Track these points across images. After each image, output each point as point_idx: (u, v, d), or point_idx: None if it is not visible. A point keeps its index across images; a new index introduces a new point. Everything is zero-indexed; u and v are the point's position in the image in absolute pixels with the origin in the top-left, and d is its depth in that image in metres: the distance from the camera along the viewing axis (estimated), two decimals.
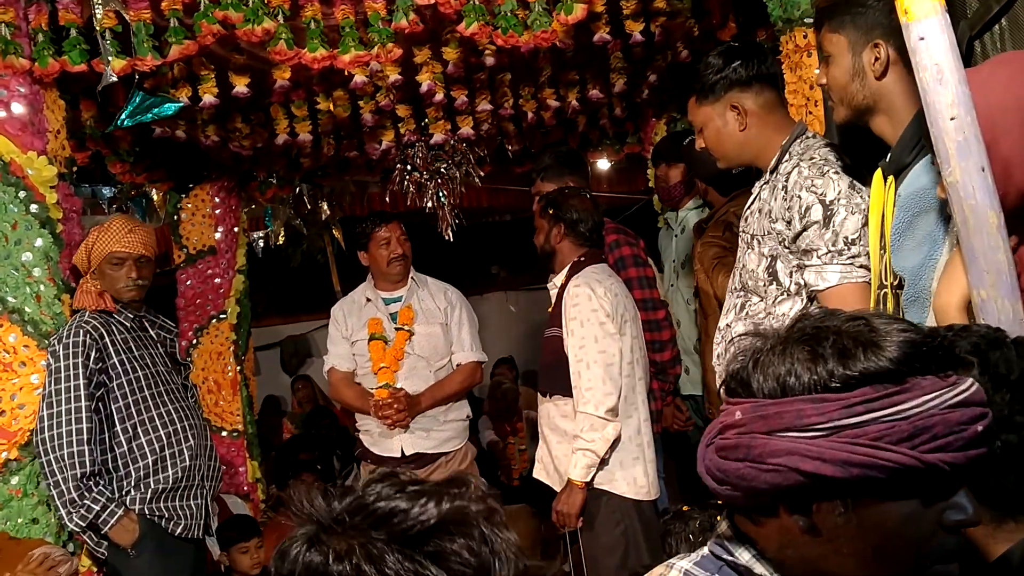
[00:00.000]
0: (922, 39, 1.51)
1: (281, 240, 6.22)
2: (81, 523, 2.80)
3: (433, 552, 0.91)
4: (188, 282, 4.74)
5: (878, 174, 1.92)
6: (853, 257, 2.05)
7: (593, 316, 3.06)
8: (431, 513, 0.92)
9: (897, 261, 1.80)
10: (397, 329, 3.75)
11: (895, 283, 1.85)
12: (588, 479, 3.03)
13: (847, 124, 2.03)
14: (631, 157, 5.58)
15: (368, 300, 3.86)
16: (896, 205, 1.81)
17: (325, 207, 5.85)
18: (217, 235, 4.77)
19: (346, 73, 3.23)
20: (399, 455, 3.70)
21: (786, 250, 2.18)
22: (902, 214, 1.78)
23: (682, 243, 4.12)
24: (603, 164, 6.08)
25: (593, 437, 3.00)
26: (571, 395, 3.09)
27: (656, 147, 4.49)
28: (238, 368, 4.77)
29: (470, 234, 5.03)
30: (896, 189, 1.83)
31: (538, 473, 3.28)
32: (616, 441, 3.05)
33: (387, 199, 5.50)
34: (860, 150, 2.27)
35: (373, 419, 3.72)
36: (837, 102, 2.00)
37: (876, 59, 1.88)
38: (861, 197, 2.07)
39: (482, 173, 4.70)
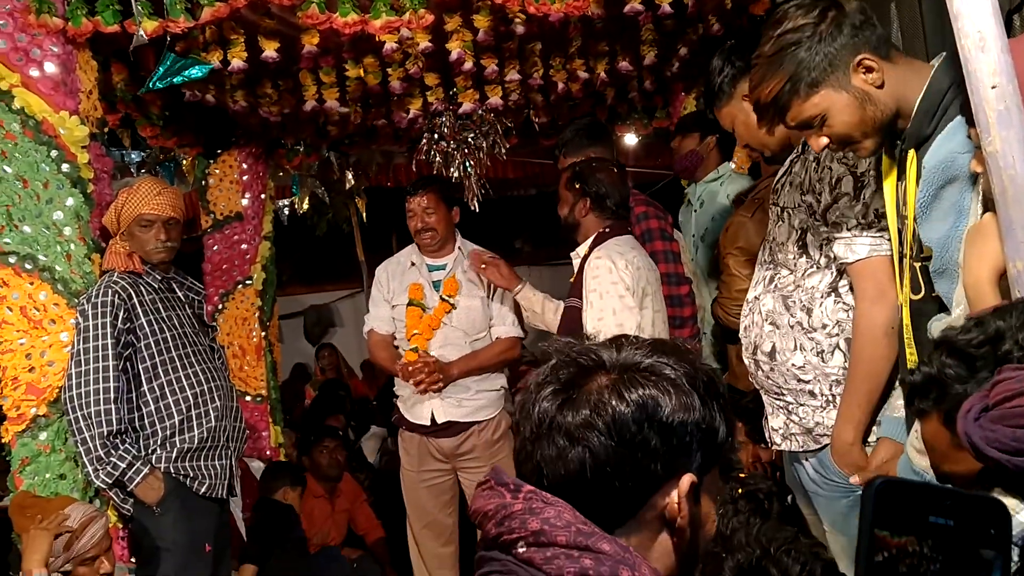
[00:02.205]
0: (964, 6, 1.49)
1: (305, 208, 6.26)
2: (108, 480, 2.84)
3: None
4: (215, 247, 4.77)
5: (887, 160, 1.91)
6: (883, 230, 2.03)
7: (613, 289, 3.03)
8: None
9: (924, 233, 1.78)
10: (441, 299, 3.73)
11: (914, 254, 1.84)
12: None
13: (878, 150, 1.92)
14: (659, 131, 5.55)
15: (412, 264, 3.85)
16: (920, 177, 1.79)
17: (350, 176, 5.87)
18: (244, 201, 4.80)
19: (376, 39, 3.21)
20: (429, 423, 3.71)
21: (816, 222, 2.17)
22: (927, 186, 1.76)
23: (701, 217, 4.08)
24: (630, 138, 6.04)
25: None
26: None
27: (679, 120, 4.47)
28: (263, 334, 4.81)
29: (494, 207, 5.03)
30: (919, 161, 1.80)
31: None
32: None
33: (413, 168, 5.49)
34: None
35: (406, 387, 3.73)
36: (860, 140, 1.86)
37: (867, 72, 1.79)
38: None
39: (508, 144, 4.69)
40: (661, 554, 1.07)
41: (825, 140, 1.87)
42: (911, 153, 1.83)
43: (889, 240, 2.00)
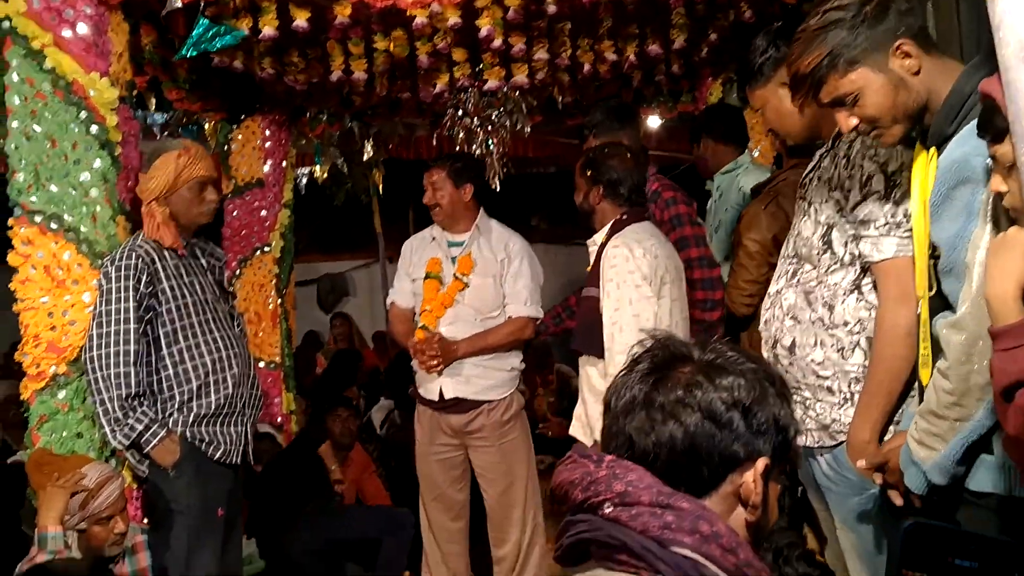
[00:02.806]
0: (1006, 15, 1.47)
1: (324, 177, 6.27)
2: (124, 441, 2.87)
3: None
4: (235, 212, 4.79)
5: (919, 150, 1.91)
6: (911, 230, 2.02)
7: (630, 278, 3.02)
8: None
9: (934, 232, 1.80)
10: (455, 277, 3.74)
11: (933, 251, 1.85)
12: None
13: (906, 137, 1.94)
14: (682, 115, 5.53)
15: (434, 239, 3.86)
16: (935, 176, 1.80)
17: (370, 147, 5.86)
18: (266, 168, 4.81)
19: (407, 13, 3.20)
20: (438, 398, 3.72)
21: (843, 219, 2.16)
22: (940, 186, 1.77)
23: (719, 207, 4.08)
24: (653, 122, 6.01)
25: None
26: (605, 356, 3.07)
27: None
28: (279, 301, 4.84)
29: (513, 184, 5.01)
30: (938, 159, 1.81)
31: (575, 431, 3.29)
32: None
33: (434, 143, 5.48)
34: None
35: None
36: (889, 125, 1.89)
37: (906, 56, 1.83)
38: None
39: (531, 123, 4.68)
40: (734, 527, 1.16)
41: (855, 121, 1.91)
42: (932, 151, 1.85)
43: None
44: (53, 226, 2.96)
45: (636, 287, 2.99)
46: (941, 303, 1.84)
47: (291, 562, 4.03)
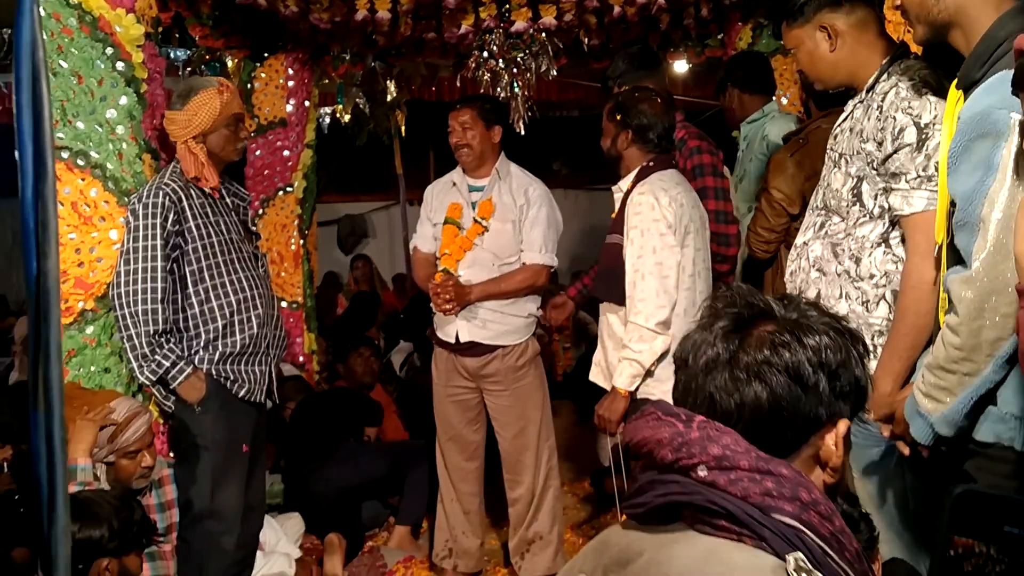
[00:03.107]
0: None
1: (347, 118, 6.24)
2: (152, 377, 2.91)
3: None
4: (257, 152, 4.79)
5: (952, 89, 1.87)
6: None
7: (654, 226, 3.00)
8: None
9: (951, 183, 1.78)
10: (474, 220, 3.72)
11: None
12: (632, 388, 3.04)
13: (926, 42, 1.98)
14: (710, 61, 5.45)
15: (455, 184, 3.84)
16: (956, 126, 1.78)
17: (393, 87, 5.83)
18: (288, 107, 4.80)
19: None
20: (454, 341, 3.75)
21: (874, 172, 2.14)
22: (960, 137, 1.74)
23: (744, 156, 4.05)
24: (680, 66, 5.93)
25: (641, 348, 2.99)
26: (626, 304, 3.07)
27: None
28: (301, 241, 4.86)
29: (535, 127, 4.97)
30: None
31: (595, 376, 3.31)
32: (666, 353, 3.04)
33: (458, 84, 5.44)
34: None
35: None
36: (915, 20, 1.94)
37: None
38: None
39: (558, 67, 4.63)
40: None
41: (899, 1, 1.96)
42: (959, 95, 1.83)
43: None
44: (80, 163, 2.97)
45: (660, 235, 2.98)
46: (955, 254, 1.83)
47: (318, 499, 4.10)
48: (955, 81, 1.86)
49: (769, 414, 1.13)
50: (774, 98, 4.07)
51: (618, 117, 3.19)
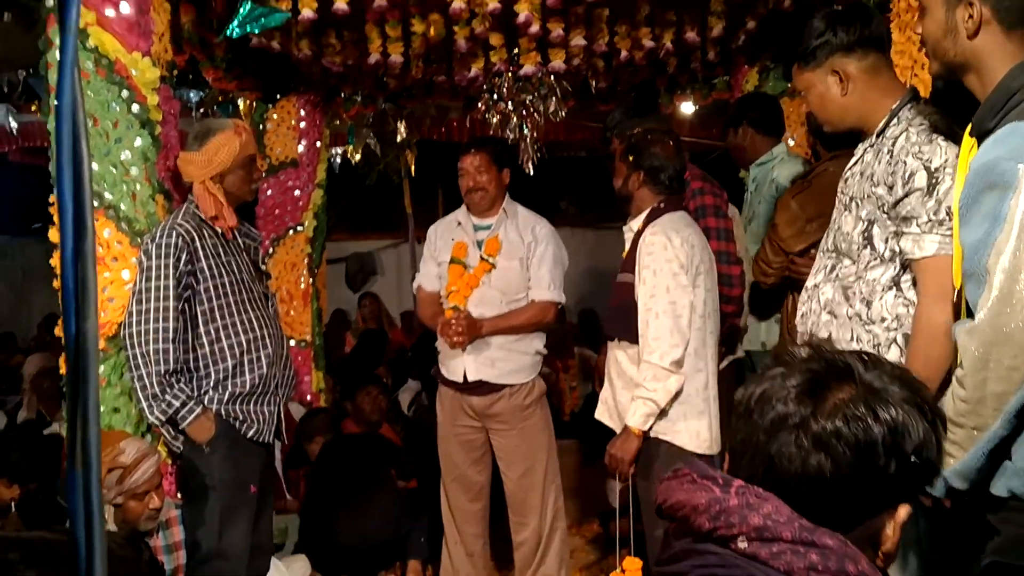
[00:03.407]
0: None
1: (357, 158, 6.29)
2: (161, 417, 2.92)
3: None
4: (268, 192, 4.83)
5: (965, 137, 1.89)
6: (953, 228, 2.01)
7: (667, 266, 3.03)
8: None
9: (961, 234, 1.78)
10: (482, 259, 3.74)
11: None
12: (645, 427, 3.04)
13: (940, 79, 2.00)
14: (716, 102, 5.50)
15: (459, 223, 3.87)
16: (966, 178, 1.78)
17: (403, 128, 5.88)
18: (300, 148, 4.85)
19: None
20: (462, 380, 3.74)
21: (884, 215, 2.15)
22: (969, 188, 1.75)
23: (753, 199, 4.07)
24: (687, 107, 5.98)
25: (655, 387, 2.99)
26: (638, 342, 3.08)
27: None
28: (311, 280, 4.88)
29: (543, 167, 5.02)
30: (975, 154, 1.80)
31: (600, 415, 3.31)
32: (680, 393, 3.04)
33: (467, 125, 5.49)
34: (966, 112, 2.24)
35: (444, 343, 3.77)
36: (930, 55, 1.96)
37: (969, 17, 1.82)
38: None
39: (566, 108, 4.68)
40: None
41: (920, 30, 1.97)
42: (972, 142, 1.84)
43: None
44: (94, 204, 2.99)
45: (674, 275, 3.00)
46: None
47: (344, 548, 4.06)
48: (968, 128, 1.87)
49: (829, 489, 1.06)
50: (783, 140, 4.10)
51: (631, 158, 3.23)
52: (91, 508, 0.43)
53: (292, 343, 4.75)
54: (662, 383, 2.98)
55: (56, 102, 0.46)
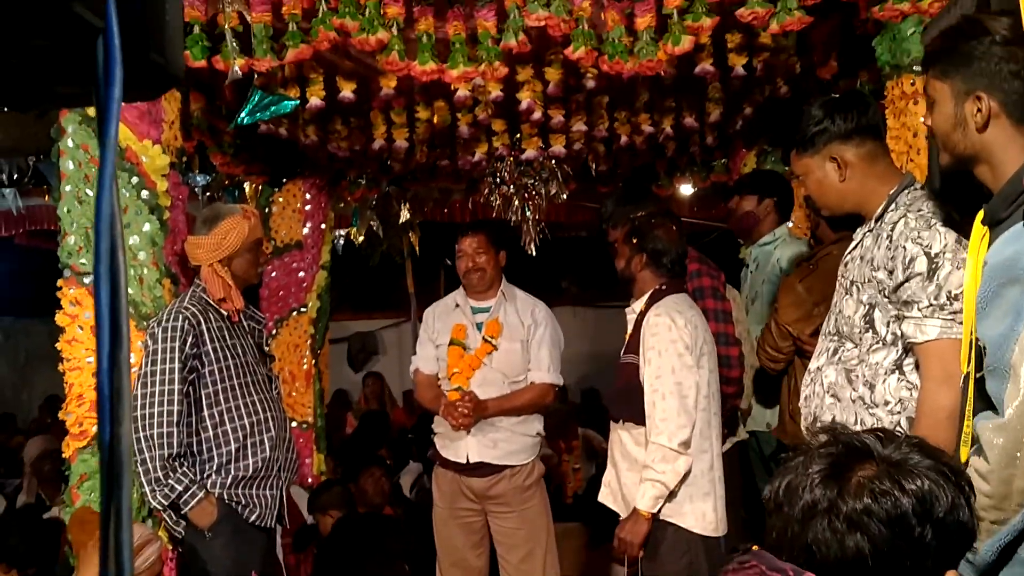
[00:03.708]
0: None
1: (360, 239, 6.35)
2: (164, 502, 2.90)
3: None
4: (273, 274, 4.87)
5: (977, 225, 1.91)
6: (955, 313, 2.04)
7: (672, 347, 3.05)
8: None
9: (981, 328, 1.78)
10: (484, 340, 3.77)
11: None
12: (655, 510, 3.02)
13: (951, 169, 2.01)
14: (715, 184, 5.58)
15: (457, 306, 3.90)
16: (983, 271, 1.79)
17: (406, 210, 5.95)
18: (305, 230, 4.90)
19: (451, 87, 3.29)
20: (464, 461, 3.73)
21: (885, 299, 2.18)
22: (988, 283, 1.75)
23: (755, 279, 4.10)
24: (686, 189, 6.07)
25: (664, 469, 2.98)
26: (644, 423, 3.08)
27: (737, 180, 4.50)
28: (313, 361, 4.89)
29: (545, 247, 5.08)
30: (989, 243, 1.82)
31: (604, 498, 3.29)
32: (687, 474, 3.03)
33: (469, 207, 5.57)
34: (969, 199, 2.27)
35: (444, 424, 3.77)
36: (941, 147, 1.99)
37: (978, 111, 1.85)
38: (967, 252, 2.06)
39: (567, 191, 4.75)
40: None
41: (929, 122, 2.00)
42: (985, 231, 1.85)
43: (962, 323, 2.00)
44: None
45: (679, 356, 3.01)
46: (980, 389, 1.81)
47: None
48: (979, 216, 1.89)
49: (873, 568, 1.06)
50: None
51: (634, 241, 3.28)
52: None
53: (294, 424, 4.73)
54: (671, 464, 2.97)
55: (96, 216, 0.49)
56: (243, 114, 3.22)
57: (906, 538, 1.06)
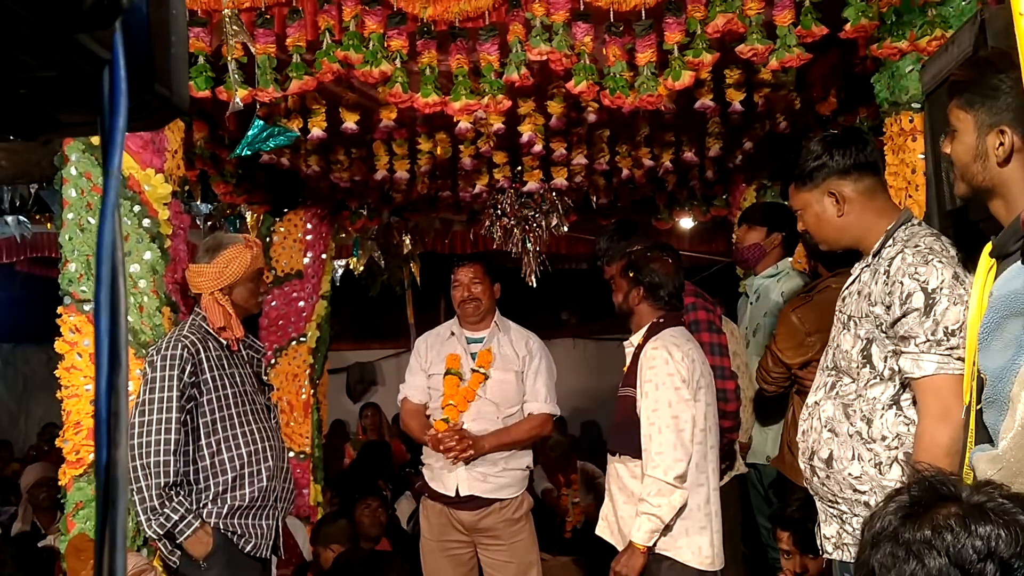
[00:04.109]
0: None
1: (360, 269, 6.37)
2: (159, 530, 2.88)
3: None
4: (273, 303, 4.88)
5: (984, 257, 1.91)
6: (952, 348, 2.04)
7: (669, 380, 3.04)
8: None
9: (982, 359, 1.78)
10: (473, 371, 3.78)
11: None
12: (650, 543, 3.01)
13: (966, 199, 2.02)
14: (715, 218, 5.60)
15: (452, 335, 3.91)
16: (988, 302, 1.80)
17: (408, 241, 5.98)
18: (306, 260, 4.92)
19: (454, 119, 3.32)
20: (454, 494, 3.72)
21: (883, 334, 2.18)
22: (992, 314, 1.76)
23: (755, 311, 4.11)
24: (686, 223, 6.11)
25: (659, 502, 2.97)
26: (640, 456, 3.07)
27: (744, 211, 4.51)
28: (312, 391, 4.88)
29: (545, 279, 5.10)
30: (996, 275, 1.82)
31: (601, 531, 3.27)
32: (683, 508, 3.02)
33: (471, 237, 5.60)
34: (965, 236, 2.28)
35: (434, 455, 3.76)
36: (958, 177, 1.98)
37: (1000, 144, 1.85)
38: (964, 288, 2.06)
39: (568, 223, 4.78)
40: None
41: (948, 150, 1.99)
42: (992, 263, 1.86)
43: (959, 359, 2.01)
44: None
45: (676, 389, 3.01)
46: (980, 422, 1.81)
47: None
48: (987, 249, 1.89)
49: None
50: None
51: (631, 275, 3.29)
52: None
53: (291, 454, 4.72)
54: (667, 498, 2.96)
55: (98, 243, 0.50)
56: (244, 144, 3.25)
57: (964, 571, 1.08)
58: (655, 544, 3.01)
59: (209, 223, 5.58)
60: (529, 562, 3.77)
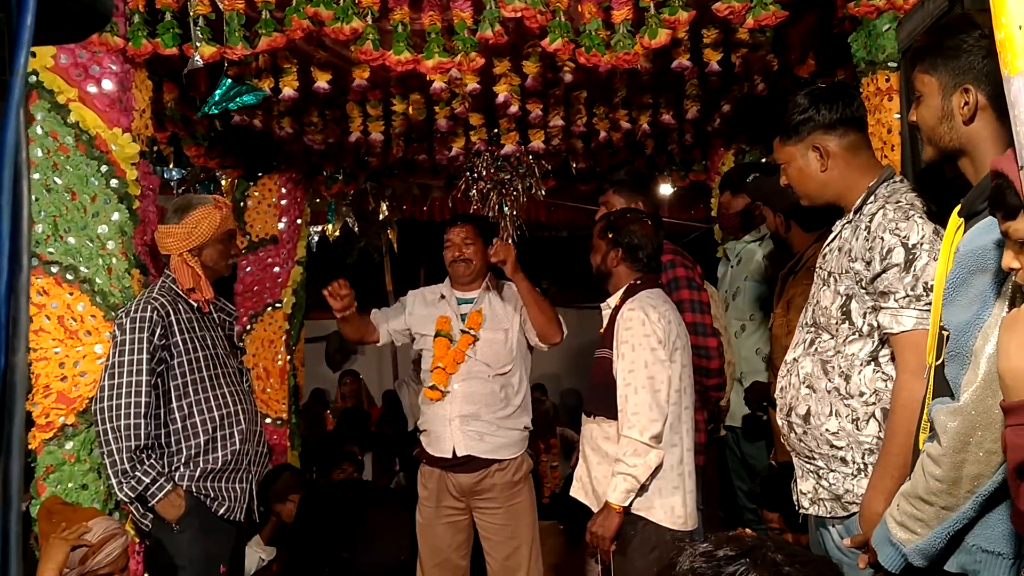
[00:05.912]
0: (1021, 93, 1.49)
1: (336, 235, 6.32)
2: (131, 494, 2.86)
3: None
4: (248, 268, 4.83)
5: (954, 215, 1.91)
6: (931, 304, 2.03)
7: (645, 341, 3.04)
8: None
9: (946, 314, 1.79)
10: (463, 332, 3.76)
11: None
12: (626, 503, 3.01)
13: (934, 162, 2.02)
14: (694, 184, 5.58)
15: (442, 297, 3.89)
16: (954, 258, 1.80)
17: (385, 207, 5.92)
18: (280, 225, 4.86)
19: (427, 79, 3.26)
20: (451, 456, 3.71)
21: (862, 290, 2.17)
22: (958, 269, 1.76)
23: (736, 274, 4.10)
24: (665, 189, 6.08)
25: (635, 462, 2.97)
26: (616, 418, 3.07)
27: (725, 174, 4.48)
28: (288, 358, 4.85)
29: (524, 247, 5.06)
30: (964, 234, 1.82)
31: (575, 492, 3.27)
32: (658, 468, 3.03)
33: (449, 203, 5.54)
34: (942, 194, 2.27)
35: (431, 420, 3.75)
36: (925, 141, 1.99)
37: (965, 104, 1.86)
38: None
39: (545, 188, 4.73)
40: None
41: (915, 118, 2.00)
42: (960, 223, 1.86)
43: None
44: (69, 277, 2.98)
45: (652, 350, 3.00)
46: (941, 379, 1.82)
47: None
48: (957, 208, 1.89)
49: None
50: None
51: (609, 235, 3.27)
52: (8, 547, 0.41)
53: (268, 420, 4.69)
54: (642, 458, 2.96)
55: None
56: (211, 103, 3.19)
57: None
58: (631, 504, 3.01)
59: (183, 189, 5.50)
60: (526, 524, 3.76)
